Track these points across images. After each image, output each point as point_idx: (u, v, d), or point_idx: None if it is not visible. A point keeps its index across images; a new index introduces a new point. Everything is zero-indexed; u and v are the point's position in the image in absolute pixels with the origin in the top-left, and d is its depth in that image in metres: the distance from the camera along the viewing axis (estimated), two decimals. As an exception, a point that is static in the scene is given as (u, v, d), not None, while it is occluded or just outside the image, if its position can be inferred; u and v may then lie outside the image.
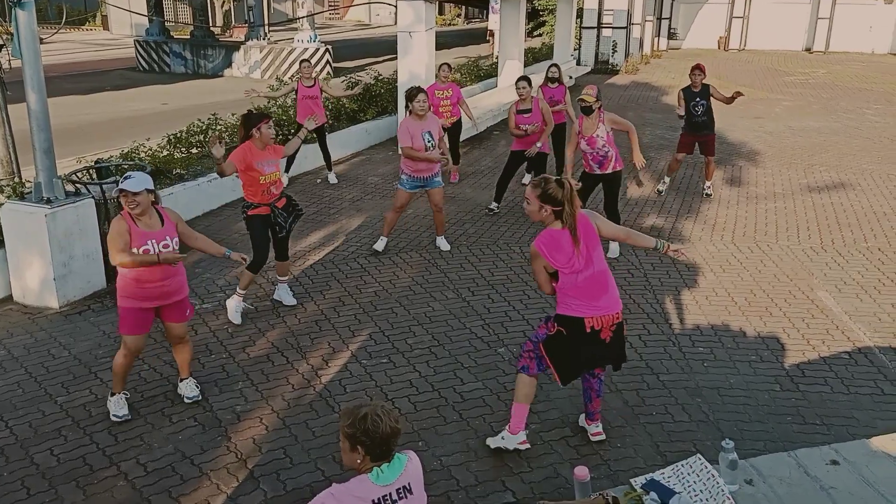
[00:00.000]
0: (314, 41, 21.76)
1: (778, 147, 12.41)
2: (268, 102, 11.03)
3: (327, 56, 21.68)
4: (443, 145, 7.24)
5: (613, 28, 22.27)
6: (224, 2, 32.72)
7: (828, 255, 7.47)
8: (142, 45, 23.81)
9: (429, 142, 6.97)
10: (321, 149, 10.00)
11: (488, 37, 25.93)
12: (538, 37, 27.26)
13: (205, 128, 9.92)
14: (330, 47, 22.07)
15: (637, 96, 17.76)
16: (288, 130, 10.14)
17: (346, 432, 2.55)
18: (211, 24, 28.82)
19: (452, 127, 10.04)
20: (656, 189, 9.54)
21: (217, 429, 4.58)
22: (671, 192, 9.62)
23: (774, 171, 10.81)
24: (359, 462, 2.56)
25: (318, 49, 21.49)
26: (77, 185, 6.76)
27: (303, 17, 22.51)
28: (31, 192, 6.30)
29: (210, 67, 23.08)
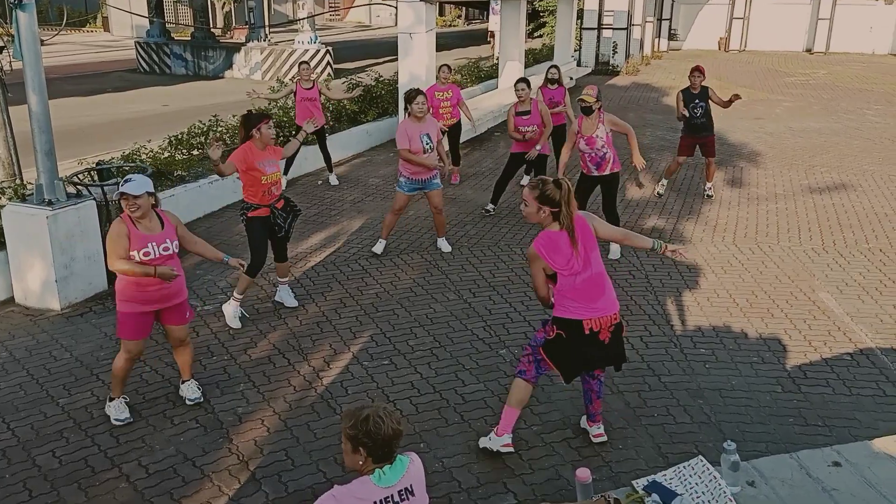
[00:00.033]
0: (315, 42, 21.77)
1: (779, 148, 12.41)
2: (268, 104, 11.04)
3: (328, 57, 21.69)
4: (441, 148, 7.23)
5: (614, 29, 22.29)
6: (225, 3, 32.74)
7: (829, 257, 7.46)
8: (142, 47, 23.84)
9: (427, 144, 6.96)
10: (321, 150, 10.01)
11: (489, 38, 25.95)
12: (539, 38, 27.25)
13: (206, 129, 9.92)
14: (330, 49, 22.09)
15: (638, 97, 17.77)
16: (288, 132, 10.14)
17: (348, 434, 2.55)
18: (211, 25, 28.83)
19: (452, 128, 10.04)
20: (656, 192, 9.54)
21: (219, 430, 4.59)
22: (672, 194, 9.62)
23: (775, 173, 10.81)
24: (361, 464, 2.56)
25: (318, 50, 21.51)
26: (78, 186, 6.77)
27: (303, 19, 22.53)
28: (32, 193, 6.31)
29: (211, 69, 23.10)
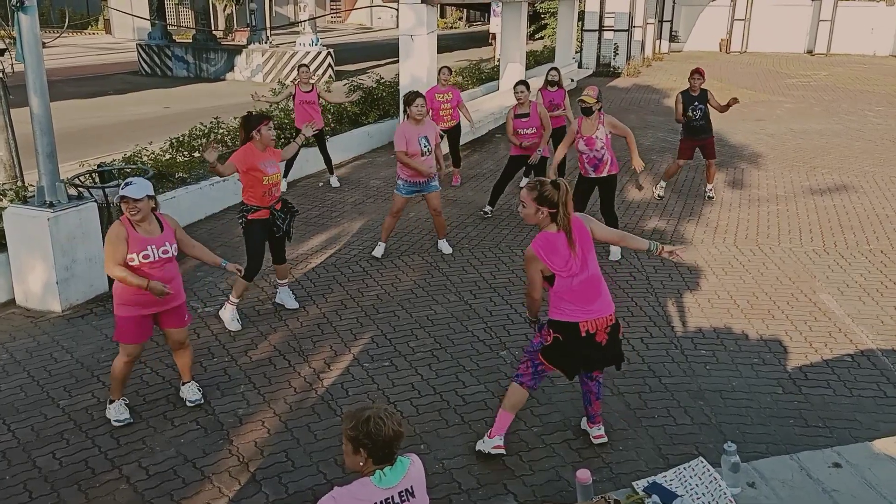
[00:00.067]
0: (316, 44, 21.79)
1: (780, 149, 12.40)
2: (269, 106, 11.05)
3: (329, 59, 21.71)
4: (438, 152, 7.22)
5: (615, 31, 22.32)
6: (226, 5, 32.84)
7: (830, 258, 7.46)
8: (144, 49, 23.87)
9: (425, 147, 6.96)
10: (321, 153, 10.02)
11: (490, 40, 25.98)
12: (540, 40, 27.28)
13: (207, 131, 9.93)
14: (332, 51, 22.11)
15: (639, 99, 17.77)
16: (290, 133, 10.15)
17: (348, 435, 2.56)
18: (213, 27, 28.90)
19: (452, 130, 10.06)
20: (656, 194, 9.54)
21: (219, 432, 4.59)
22: (673, 195, 9.62)
23: (776, 174, 10.81)
24: (361, 465, 2.56)
25: (319, 52, 21.53)
26: (80, 188, 6.79)
27: (305, 21, 22.55)
28: (33, 195, 6.32)
29: (212, 71, 23.13)
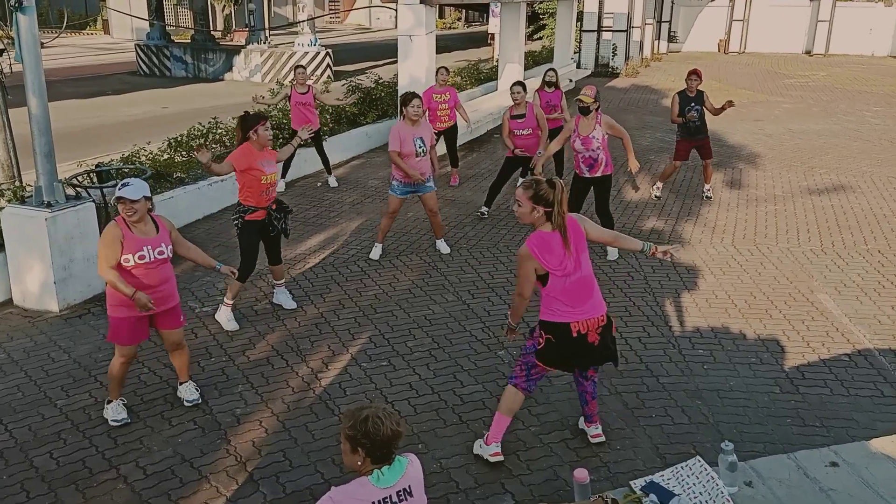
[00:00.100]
0: (315, 45, 21.79)
1: (778, 150, 12.41)
2: (268, 107, 11.05)
3: (328, 60, 21.70)
4: (433, 154, 7.21)
5: (613, 31, 22.31)
6: (225, 6, 32.84)
7: (828, 258, 7.47)
8: (142, 49, 23.86)
9: (420, 148, 6.96)
10: (318, 153, 10.03)
11: (489, 40, 25.98)
12: (538, 40, 27.30)
13: (205, 131, 9.93)
14: (330, 51, 22.10)
15: (637, 99, 17.78)
16: (288, 133, 10.15)
17: (347, 434, 2.56)
18: (212, 27, 28.88)
19: (449, 131, 10.06)
20: (653, 195, 9.53)
21: (216, 432, 4.59)
22: (671, 195, 9.62)
23: (774, 174, 10.82)
24: (359, 464, 2.56)
25: (318, 53, 21.52)
26: (78, 188, 6.78)
27: (303, 21, 22.55)
28: (31, 195, 6.32)
29: (211, 71, 23.13)
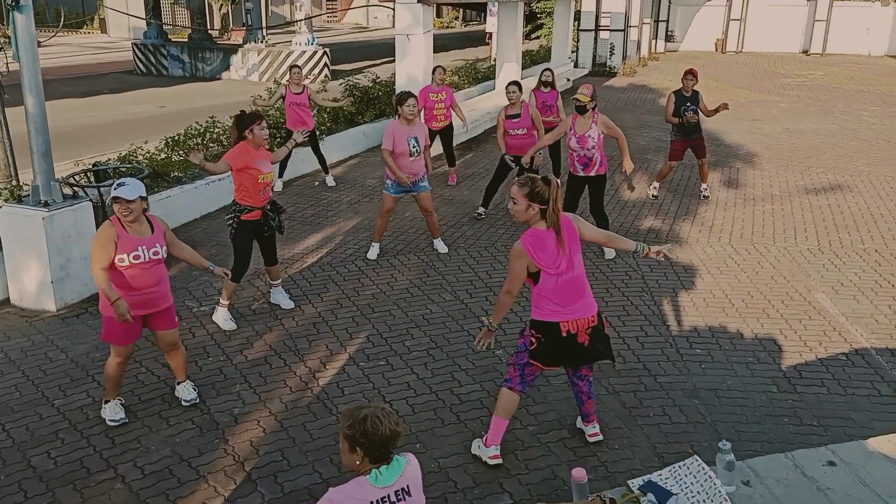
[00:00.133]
0: (312, 44, 21.77)
1: (775, 149, 12.43)
2: (268, 108, 11.04)
3: (325, 59, 21.69)
4: (427, 154, 7.21)
5: (611, 31, 22.33)
6: (222, 4, 32.79)
7: (825, 257, 7.48)
8: (139, 48, 23.82)
9: (413, 147, 6.95)
10: (314, 153, 10.02)
11: (487, 40, 25.97)
12: (536, 39, 27.30)
13: (202, 130, 9.91)
14: (328, 50, 22.09)
15: (634, 98, 17.79)
16: (283, 134, 10.13)
17: (345, 434, 2.56)
18: (209, 27, 28.85)
19: (445, 130, 10.06)
20: (649, 195, 9.53)
21: (214, 431, 4.58)
22: (668, 195, 9.63)
23: (772, 173, 10.83)
24: (358, 463, 2.56)
25: (315, 52, 21.51)
26: (75, 188, 6.78)
27: (301, 20, 22.54)
28: (28, 195, 6.31)
29: (208, 70, 23.10)
